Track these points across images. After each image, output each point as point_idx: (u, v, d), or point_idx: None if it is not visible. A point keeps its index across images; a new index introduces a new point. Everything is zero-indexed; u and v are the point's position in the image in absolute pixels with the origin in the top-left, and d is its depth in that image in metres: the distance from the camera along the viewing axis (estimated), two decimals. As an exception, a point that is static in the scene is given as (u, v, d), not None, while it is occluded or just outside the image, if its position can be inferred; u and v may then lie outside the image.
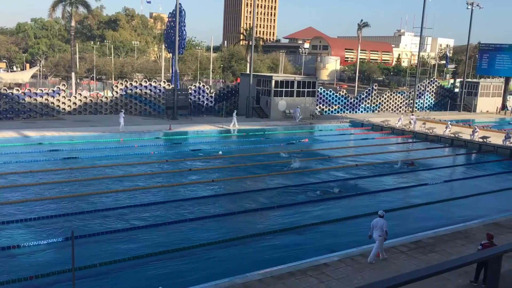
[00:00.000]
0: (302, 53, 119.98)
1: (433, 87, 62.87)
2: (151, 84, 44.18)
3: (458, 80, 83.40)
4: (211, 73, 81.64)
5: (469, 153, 34.93)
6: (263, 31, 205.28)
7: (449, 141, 37.76)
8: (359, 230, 17.15)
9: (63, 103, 40.50)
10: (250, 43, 55.99)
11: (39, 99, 39.28)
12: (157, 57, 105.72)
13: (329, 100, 52.75)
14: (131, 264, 13.74)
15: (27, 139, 30.77)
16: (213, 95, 47.25)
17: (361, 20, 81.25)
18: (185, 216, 17.97)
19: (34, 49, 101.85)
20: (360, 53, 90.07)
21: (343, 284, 12.12)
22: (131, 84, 43.71)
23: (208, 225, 17.29)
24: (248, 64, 62.84)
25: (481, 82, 63.60)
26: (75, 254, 11.40)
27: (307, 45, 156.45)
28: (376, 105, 56.27)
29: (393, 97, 58.21)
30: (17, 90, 39.86)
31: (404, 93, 61.00)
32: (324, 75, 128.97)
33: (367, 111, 55.22)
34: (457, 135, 38.13)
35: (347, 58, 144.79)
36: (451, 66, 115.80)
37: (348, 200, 21.29)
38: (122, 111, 36.86)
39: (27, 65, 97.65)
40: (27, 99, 38.74)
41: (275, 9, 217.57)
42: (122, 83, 43.78)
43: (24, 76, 63.41)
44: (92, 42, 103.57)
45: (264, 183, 23.71)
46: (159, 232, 16.37)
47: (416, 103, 59.08)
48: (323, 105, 51.96)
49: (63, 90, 40.85)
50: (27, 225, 16.43)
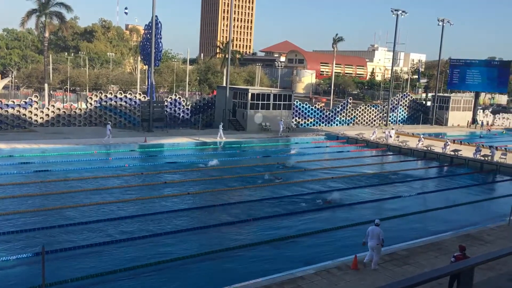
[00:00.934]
0: (278, 66, 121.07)
1: (406, 101, 64.11)
2: (126, 96, 43.77)
3: (430, 95, 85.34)
4: (187, 85, 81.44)
5: (441, 166, 35.60)
6: (240, 44, 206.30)
7: (422, 154, 38.45)
8: (334, 242, 17.25)
9: (35, 114, 39.72)
10: (227, 56, 56.19)
11: (10, 110, 38.43)
12: (133, 69, 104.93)
13: (305, 113, 53.19)
14: (104, 279, 13.45)
15: (-3, 152, 29.99)
16: (189, 107, 47.09)
17: (336, 35, 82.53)
18: (159, 229, 17.74)
19: (6, 59, 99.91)
20: (335, 67, 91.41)
21: (318, 297, 12.10)
22: (105, 96, 43.22)
23: (182, 239, 17.09)
24: (225, 76, 63.00)
25: (452, 97, 65.18)
26: (46, 269, 11.12)
27: (283, 58, 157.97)
28: (351, 118, 57.00)
29: (368, 110, 59.09)
30: (-12, 101, 38.93)
31: (378, 106, 62.01)
32: (300, 88, 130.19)
33: (342, 124, 55.87)
34: (429, 148, 38.87)
35: (323, 71, 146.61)
36: (423, 81, 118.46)
37: (324, 213, 21.37)
38: (109, 123, 36.81)
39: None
40: (-2, 110, 37.85)
41: (251, 22, 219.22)
42: (96, 95, 43.24)
43: (-5, 87, 61.99)
44: (66, 53, 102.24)
45: (239, 196, 23.63)
46: (133, 246, 16.10)
47: (390, 116, 60.10)
48: (299, 118, 52.35)
49: (35, 101, 40.10)
50: (-5, 240, 15.94)
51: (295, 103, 51.43)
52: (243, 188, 25.10)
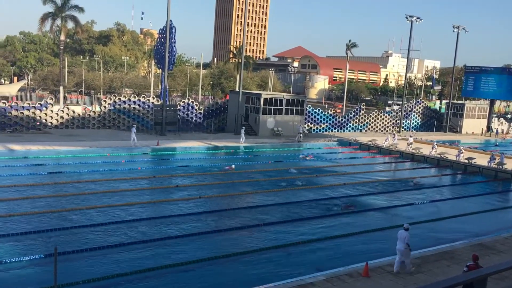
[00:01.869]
0: (291, 71, 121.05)
1: (419, 107, 63.67)
2: (139, 100, 44.09)
3: (444, 102, 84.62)
4: (200, 89, 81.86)
5: (454, 173, 35.24)
6: (253, 49, 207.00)
7: (435, 162, 38.11)
8: (344, 249, 17.17)
9: (50, 117, 40.19)
10: (240, 61, 56.37)
11: (26, 112, 38.94)
12: (147, 72, 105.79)
13: (317, 119, 53.09)
14: (115, 282, 13.53)
15: (12, 153, 30.39)
16: (202, 111, 47.26)
17: (350, 41, 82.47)
18: (170, 233, 17.81)
19: (22, 62, 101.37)
20: (348, 73, 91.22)
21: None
22: (119, 99, 43.58)
23: (193, 242, 17.14)
24: (238, 81, 63.17)
25: (466, 104, 64.55)
26: (58, 270, 11.22)
27: (296, 64, 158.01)
28: (364, 124, 56.75)
29: (381, 117, 58.79)
30: (4, 103, 39.47)
31: (391, 113, 61.66)
32: (312, 93, 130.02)
33: (355, 130, 55.63)
34: (443, 156, 38.51)
35: (336, 77, 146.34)
36: (437, 88, 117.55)
37: (335, 219, 21.28)
38: (134, 126, 37.23)
39: (15, 78, 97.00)
40: (13, 112, 38.37)
41: (265, 27, 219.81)
42: (110, 98, 43.62)
43: (12, 89, 62.89)
44: (82, 57, 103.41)
45: (250, 201, 23.64)
46: (144, 249, 16.17)
47: (403, 123, 59.72)
48: (311, 123, 52.25)
49: (50, 104, 40.58)
50: (9, 240, 16.13)
51: (307, 108, 51.38)
52: (254, 193, 25.09)
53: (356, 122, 56.01)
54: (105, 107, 42.66)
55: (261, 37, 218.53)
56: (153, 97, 45.95)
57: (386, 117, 59.09)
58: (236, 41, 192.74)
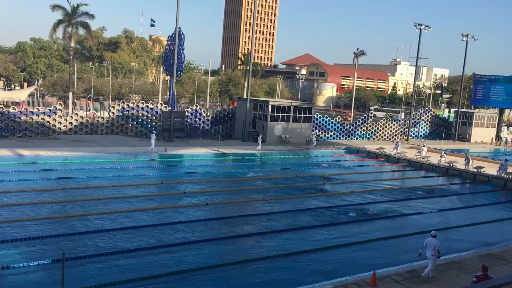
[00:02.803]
0: (299, 79, 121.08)
1: (428, 116, 63.37)
2: (148, 106, 44.30)
3: (452, 110, 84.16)
4: (208, 96, 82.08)
5: (463, 182, 34.96)
6: (261, 56, 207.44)
7: (443, 170, 37.85)
8: (353, 258, 17.05)
9: (59, 122, 40.47)
10: (248, 68, 56.51)
11: (35, 118, 39.25)
12: (155, 79, 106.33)
13: (325, 126, 53.00)
14: None
15: (21, 158, 30.60)
16: (209, 118, 47.38)
17: (358, 49, 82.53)
18: (178, 239, 17.80)
19: (32, 68, 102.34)
20: (356, 80, 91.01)
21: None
22: (128, 105, 43.81)
23: (200, 249, 17.11)
24: (245, 88, 63.29)
25: (475, 113, 64.15)
26: (65, 276, 11.23)
27: (304, 71, 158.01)
28: (372, 132, 56.56)
29: (389, 125, 58.58)
30: (14, 108, 39.84)
31: (400, 121, 61.41)
32: (320, 101, 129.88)
33: (363, 138, 55.46)
34: (451, 165, 38.24)
35: (344, 85, 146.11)
36: (446, 96, 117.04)
37: (341, 227, 21.17)
38: (154, 132, 37.55)
39: (25, 84, 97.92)
40: (23, 117, 38.69)
41: (273, 35, 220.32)
42: (119, 104, 43.87)
43: (21, 94, 63.65)
44: (91, 63, 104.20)
45: (257, 208, 23.59)
46: (151, 255, 16.16)
47: (411, 131, 59.45)
48: (319, 131, 52.16)
49: (59, 109, 40.87)
50: (16, 245, 16.19)
51: (315, 116, 51.32)
52: (261, 200, 25.05)
53: (364, 130, 55.84)
54: (113, 113, 42.89)
55: (269, 44, 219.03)
56: (161, 104, 46.14)
57: (394, 125, 58.87)
58: (244, 48, 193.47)
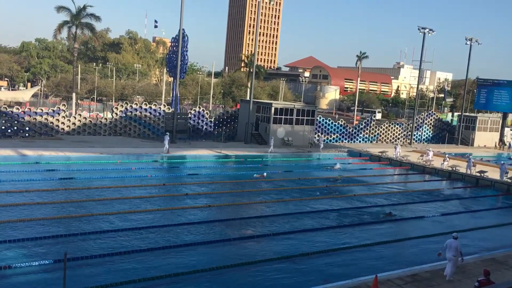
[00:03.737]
0: (302, 81, 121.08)
1: (431, 119, 63.27)
2: (151, 107, 44.39)
3: (456, 114, 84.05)
4: (211, 98, 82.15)
5: (466, 186, 34.86)
6: (264, 59, 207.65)
7: (446, 174, 37.77)
8: (353, 261, 17.02)
9: (62, 123, 40.58)
10: (251, 70, 56.57)
11: (38, 118, 39.37)
12: (158, 80, 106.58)
13: (328, 129, 52.97)
14: (123, 289, 13.54)
15: (24, 158, 30.69)
16: (212, 120, 47.44)
17: (361, 52, 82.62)
18: (179, 241, 17.80)
19: (36, 68, 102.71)
20: (360, 83, 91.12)
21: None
22: (131, 106, 43.90)
23: (200, 251, 17.12)
24: (249, 90, 63.34)
25: (479, 117, 64.01)
26: (67, 276, 11.26)
27: (307, 74, 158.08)
28: (375, 135, 56.51)
29: (392, 128, 58.51)
30: (17, 108, 39.99)
31: (402, 124, 61.35)
32: (323, 104, 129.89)
33: (366, 141, 55.40)
34: (454, 169, 38.15)
35: (347, 88, 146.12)
36: (449, 100, 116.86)
37: (343, 230, 21.15)
38: (168, 134, 37.78)
39: (29, 84, 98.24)
40: (26, 118, 38.82)
41: (277, 37, 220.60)
42: (122, 105, 43.97)
43: (25, 95, 63.79)
44: (95, 64, 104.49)
45: (259, 210, 23.59)
46: (152, 256, 16.17)
47: (414, 135, 59.37)
48: (321, 133, 52.12)
49: (63, 110, 40.99)
50: (19, 245, 16.23)
51: (318, 118, 51.32)
52: (263, 202, 25.05)
53: (366, 133, 55.79)
54: (116, 114, 42.98)
55: (272, 46, 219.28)
56: (164, 105, 46.25)
57: (397, 128, 58.82)
58: (248, 50, 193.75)
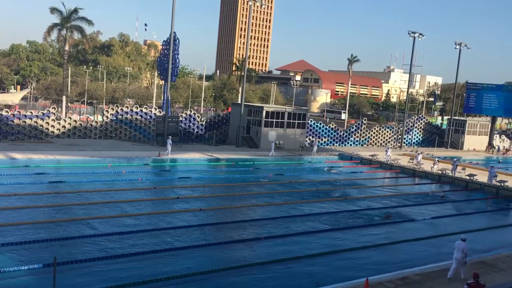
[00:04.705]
0: (294, 85, 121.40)
1: (421, 123, 63.72)
2: (142, 110, 44.23)
3: (445, 118, 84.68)
4: (202, 101, 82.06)
5: (455, 190, 35.10)
6: (256, 62, 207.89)
7: (436, 177, 38.03)
8: (344, 264, 17.06)
9: (52, 126, 40.29)
10: (243, 74, 56.62)
11: (28, 121, 39.06)
12: (149, 83, 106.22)
13: (319, 133, 53.12)
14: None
15: (13, 161, 30.41)
16: (203, 123, 47.37)
17: (352, 55, 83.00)
18: (169, 245, 17.73)
19: (26, 71, 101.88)
20: (351, 87, 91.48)
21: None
22: (122, 109, 43.71)
23: (192, 255, 17.06)
24: (240, 94, 63.36)
25: (468, 121, 64.57)
26: (57, 281, 11.17)
27: (298, 77, 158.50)
28: (365, 139, 56.76)
29: (382, 131, 58.84)
30: (6, 111, 39.63)
31: (393, 128, 61.71)
32: (314, 107, 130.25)
33: (356, 144, 55.64)
34: (444, 172, 38.44)
35: (338, 91, 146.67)
36: (439, 104, 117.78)
37: (333, 234, 21.20)
38: (170, 137, 38.02)
39: (18, 87, 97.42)
40: (16, 121, 38.48)
41: (268, 41, 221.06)
42: (113, 108, 43.77)
43: (14, 97, 63.23)
44: (85, 67, 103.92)
45: (252, 213, 23.57)
46: (142, 261, 16.09)
47: (405, 138, 59.72)
48: (312, 137, 52.26)
49: (53, 113, 40.71)
50: (8, 249, 16.06)
51: (309, 122, 51.44)
52: (255, 206, 25.04)
53: (357, 137, 56.04)
54: (107, 117, 42.77)
55: (264, 50, 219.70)
56: (155, 108, 46.10)
57: (387, 132, 59.16)
58: (239, 53, 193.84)
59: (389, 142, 58.37)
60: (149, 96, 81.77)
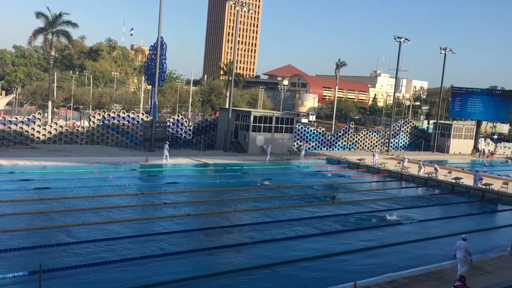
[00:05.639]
0: (281, 89, 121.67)
1: (407, 127, 64.29)
2: (129, 115, 43.99)
3: (431, 122, 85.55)
4: (190, 106, 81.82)
5: (442, 193, 35.40)
6: (244, 67, 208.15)
7: (423, 181, 38.35)
8: (333, 268, 17.09)
9: (38, 131, 39.87)
10: (230, 78, 56.65)
11: (13, 127, 38.60)
12: (137, 88, 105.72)
13: (307, 137, 53.30)
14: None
15: (-2, 168, 30.00)
16: (191, 128, 47.27)
17: (339, 60, 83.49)
18: (157, 251, 17.61)
19: (11, 76, 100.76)
20: (338, 91, 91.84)
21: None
22: (108, 114, 43.44)
23: (180, 261, 16.96)
24: (228, 98, 63.35)
25: (453, 124, 65.36)
26: (42, 289, 11.02)
27: (286, 82, 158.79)
28: (353, 143, 57.09)
29: (369, 135, 59.23)
30: (-9, 117, 39.16)
31: (380, 132, 62.16)
32: (302, 112, 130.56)
33: (344, 148, 55.91)
34: (430, 175, 38.78)
35: (325, 96, 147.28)
36: (425, 108, 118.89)
37: (323, 237, 21.24)
38: (167, 143, 38.19)
39: (3, 92, 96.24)
40: (0, 126, 38.02)
41: (255, 46, 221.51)
42: (99, 113, 43.47)
43: (-1, 103, 62.39)
44: (71, 72, 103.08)
45: (239, 218, 23.52)
46: (130, 266, 15.96)
47: (391, 142, 60.19)
48: (300, 141, 52.42)
49: (38, 118, 40.30)
50: (-8, 257, 15.83)
51: (297, 126, 51.59)
52: (243, 211, 24.99)
53: (345, 141, 56.35)
54: (94, 122, 42.46)
55: (251, 55, 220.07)
56: (142, 113, 45.89)
57: (374, 136, 59.58)
58: (227, 58, 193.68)
59: (376, 146, 58.79)
60: (136, 101, 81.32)
